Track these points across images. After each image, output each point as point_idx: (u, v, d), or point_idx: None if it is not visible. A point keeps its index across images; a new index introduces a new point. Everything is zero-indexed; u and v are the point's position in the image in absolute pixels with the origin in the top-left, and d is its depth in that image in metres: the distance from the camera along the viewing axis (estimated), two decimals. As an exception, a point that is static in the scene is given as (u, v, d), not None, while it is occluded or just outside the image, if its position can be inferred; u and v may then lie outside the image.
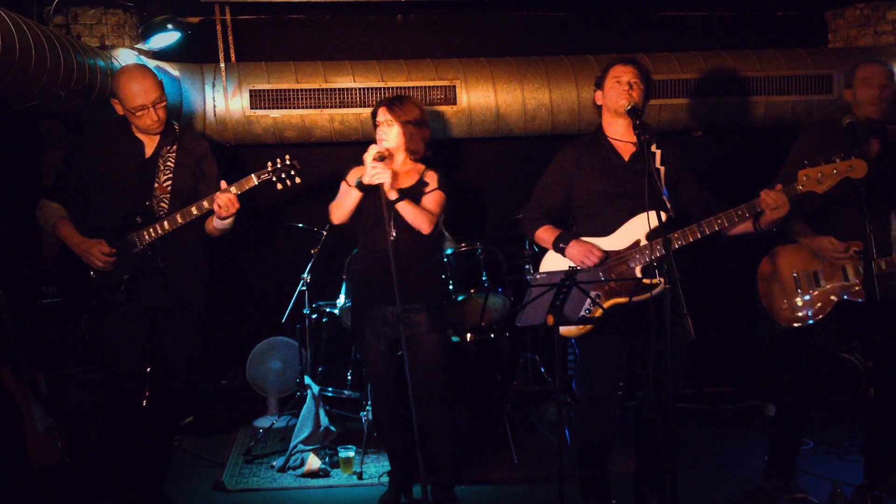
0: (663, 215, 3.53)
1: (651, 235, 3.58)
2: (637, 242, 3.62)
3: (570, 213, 3.85)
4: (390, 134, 3.86)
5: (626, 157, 3.71)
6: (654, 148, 3.68)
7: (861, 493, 3.81)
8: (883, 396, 3.81)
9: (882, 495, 3.76)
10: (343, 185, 3.95)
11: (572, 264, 3.59)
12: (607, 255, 3.63)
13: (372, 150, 3.77)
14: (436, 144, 3.99)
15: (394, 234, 3.73)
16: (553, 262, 3.73)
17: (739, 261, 4.11)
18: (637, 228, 3.62)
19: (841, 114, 3.84)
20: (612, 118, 3.73)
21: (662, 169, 3.67)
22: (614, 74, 3.71)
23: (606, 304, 3.59)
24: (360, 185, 3.78)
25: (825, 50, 5.81)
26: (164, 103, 3.76)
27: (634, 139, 3.65)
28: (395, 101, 3.91)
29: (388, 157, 3.81)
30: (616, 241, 3.65)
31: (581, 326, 3.59)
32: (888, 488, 3.84)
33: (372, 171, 3.70)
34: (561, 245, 3.69)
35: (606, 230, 3.68)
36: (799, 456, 4.02)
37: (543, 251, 3.83)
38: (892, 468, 3.89)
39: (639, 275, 3.59)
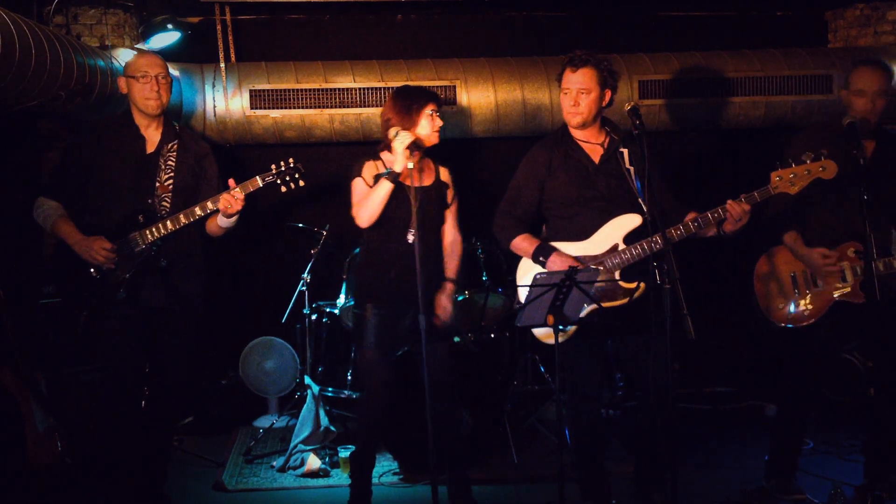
0: (637, 218, 3.56)
1: (629, 239, 3.59)
2: (615, 246, 3.62)
3: (541, 215, 3.83)
4: (436, 127, 3.77)
5: (597, 160, 3.70)
6: (621, 148, 3.69)
7: (861, 493, 3.82)
8: (883, 396, 3.82)
9: (882, 495, 3.77)
10: (359, 181, 3.78)
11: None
12: (584, 264, 3.63)
13: (404, 139, 3.59)
14: (436, 144, 3.99)
15: (412, 238, 3.69)
16: (530, 270, 3.69)
17: (739, 260, 4.11)
18: (614, 232, 3.62)
19: (840, 114, 3.83)
20: None
21: (632, 169, 3.64)
22: (563, 83, 3.69)
23: (590, 308, 3.58)
24: (394, 177, 3.61)
25: (825, 50, 5.81)
26: (168, 83, 3.78)
27: (601, 141, 3.69)
28: (439, 97, 3.87)
29: (420, 149, 3.65)
30: (594, 245, 3.65)
31: (561, 332, 3.53)
32: (888, 488, 3.84)
33: (404, 160, 3.56)
34: (541, 259, 3.66)
35: (582, 234, 3.67)
36: (799, 456, 4.02)
37: (517, 256, 3.82)
38: (892, 468, 3.89)
39: (617, 278, 3.59)
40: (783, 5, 5.88)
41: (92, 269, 3.70)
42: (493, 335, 4.97)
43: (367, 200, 3.69)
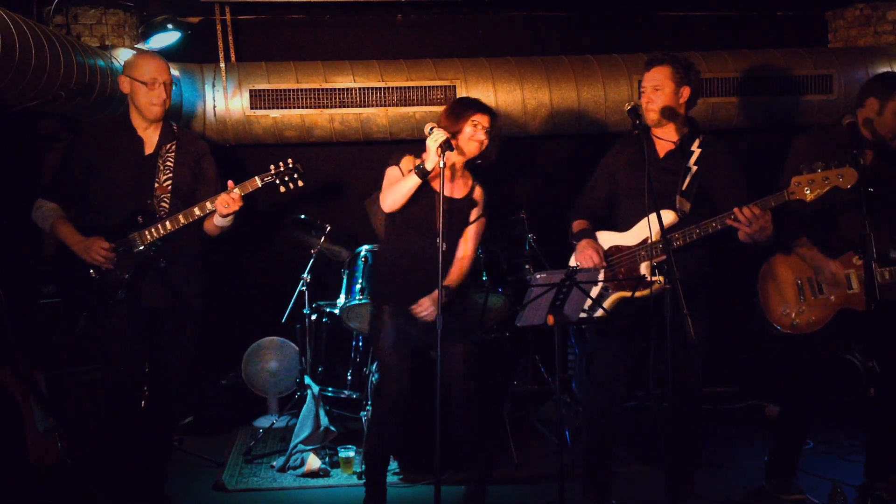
0: (671, 215, 3.57)
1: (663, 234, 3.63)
2: (646, 240, 3.66)
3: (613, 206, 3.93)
4: (479, 138, 3.74)
5: (661, 155, 3.74)
6: (695, 146, 3.72)
7: (861, 493, 3.81)
8: (883, 396, 3.82)
9: (882, 495, 3.76)
10: (393, 169, 3.73)
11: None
12: (607, 259, 3.69)
13: (438, 136, 3.52)
14: (474, 157, 3.98)
15: (444, 248, 3.63)
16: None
17: (740, 261, 4.10)
18: (649, 226, 3.64)
19: (839, 115, 3.81)
20: None
21: (694, 168, 3.68)
22: (642, 83, 3.77)
23: (613, 297, 3.63)
24: (422, 172, 3.59)
25: (825, 50, 5.82)
26: (171, 87, 3.80)
27: (677, 138, 3.72)
28: (494, 114, 3.86)
29: (452, 148, 3.57)
30: (630, 237, 3.73)
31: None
32: (888, 488, 3.84)
33: (436, 157, 3.50)
34: (574, 242, 3.81)
35: (626, 225, 3.75)
36: (800, 456, 4.02)
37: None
38: (892, 468, 3.89)
39: (644, 271, 3.62)
40: (783, 5, 5.88)
41: (91, 270, 3.70)
42: (493, 335, 4.97)
43: (395, 187, 3.67)
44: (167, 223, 3.71)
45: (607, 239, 3.80)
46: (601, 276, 3.65)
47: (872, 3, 5.72)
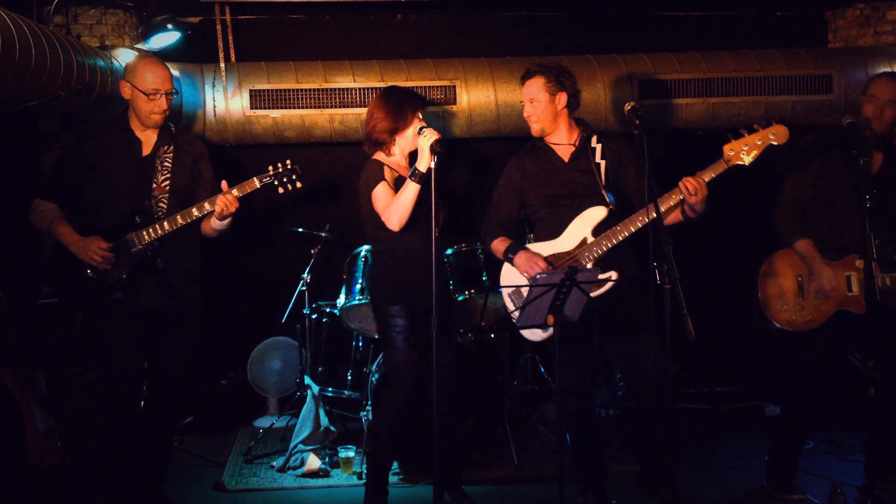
0: (603, 211, 3.67)
1: (597, 231, 3.68)
2: (584, 240, 3.70)
3: (526, 221, 3.95)
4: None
5: (566, 159, 3.80)
6: (594, 143, 3.79)
7: (861, 494, 3.81)
8: (883, 396, 3.82)
9: (882, 495, 3.77)
10: (383, 186, 3.72)
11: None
12: (551, 263, 3.69)
13: (431, 136, 3.54)
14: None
15: (438, 233, 3.62)
16: (510, 273, 3.82)
17: (739, 260, 4.11)
18: (582, 227, 3.71)
19: (840, 115, 3.83)
20: None
21: (603, 163, 3.76)
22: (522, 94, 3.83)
23: None
24: (421, 176, 3.58)
25: (825, 50, 5.81)
26: (172, 98, 3.80)
27: (572, 141, 3.80)
28: None
29: (442, 148, 3.56)
30: (564, 242, 3.74)
31: (547, 333, 3.64)
32: (888, 488, 3.84)
33: (430, 158, 3.51)
34: (510, 255, 3.78)
35: (555, 232, 3.77)
36: (800, 456, 4.02)
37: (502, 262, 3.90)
38: (892, 468, 3.89)
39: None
40: (783, 5, 5.88)
41: (88, 270, 3.70)
42: (493, 335, 4.97)
43: (399, 203, 3.65)
44: (165, 224, 3.71)
45: (541, 251, 3.77)
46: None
47: (872, 3, 5.72)
